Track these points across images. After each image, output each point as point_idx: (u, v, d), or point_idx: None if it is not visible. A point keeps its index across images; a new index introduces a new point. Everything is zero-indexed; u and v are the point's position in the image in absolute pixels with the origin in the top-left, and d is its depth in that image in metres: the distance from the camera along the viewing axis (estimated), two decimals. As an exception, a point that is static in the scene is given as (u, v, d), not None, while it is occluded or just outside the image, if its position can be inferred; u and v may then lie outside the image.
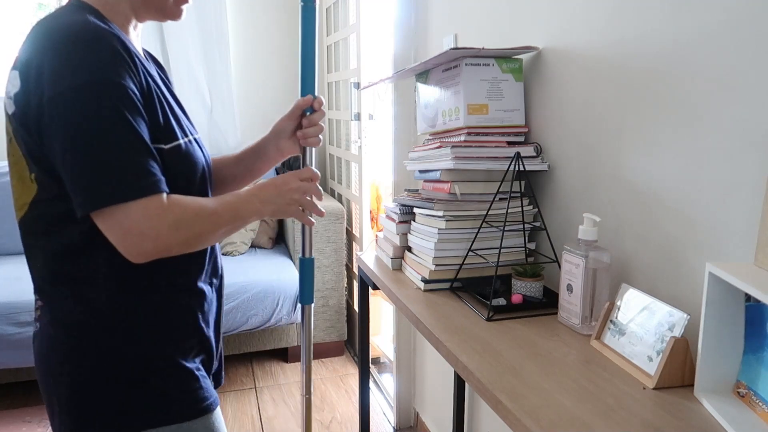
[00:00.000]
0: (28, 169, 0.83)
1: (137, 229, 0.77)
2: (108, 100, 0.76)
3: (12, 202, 0.89)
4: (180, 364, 0.91)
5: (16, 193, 0.87)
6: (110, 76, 0.76)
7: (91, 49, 0.76)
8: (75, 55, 0.75)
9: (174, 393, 0.90)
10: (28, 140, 0.80)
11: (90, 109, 0.75)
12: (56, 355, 0.87)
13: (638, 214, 1.04)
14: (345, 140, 2.96)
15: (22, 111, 0.80)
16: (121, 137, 0.77)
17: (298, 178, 0.98)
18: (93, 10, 0.85)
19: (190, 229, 0.82)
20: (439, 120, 1.38)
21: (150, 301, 0.89)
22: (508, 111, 1.32)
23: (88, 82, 0.75)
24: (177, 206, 0.82)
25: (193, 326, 0.94)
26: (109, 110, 0.76)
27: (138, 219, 0.77)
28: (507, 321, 1.09)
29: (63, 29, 0.78)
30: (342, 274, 2.86)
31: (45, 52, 0.77)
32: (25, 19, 3.12)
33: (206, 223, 0.85)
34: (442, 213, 1.26)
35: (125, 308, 0.87)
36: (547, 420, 0.75)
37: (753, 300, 0.77)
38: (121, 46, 0.80)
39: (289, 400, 2.51)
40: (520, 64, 1.33)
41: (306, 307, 1.16)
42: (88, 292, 0.85)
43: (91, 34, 0.77)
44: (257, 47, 3.28)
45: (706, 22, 0.88)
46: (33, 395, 2.50)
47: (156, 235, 0.78)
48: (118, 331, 0.86)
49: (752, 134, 0.82)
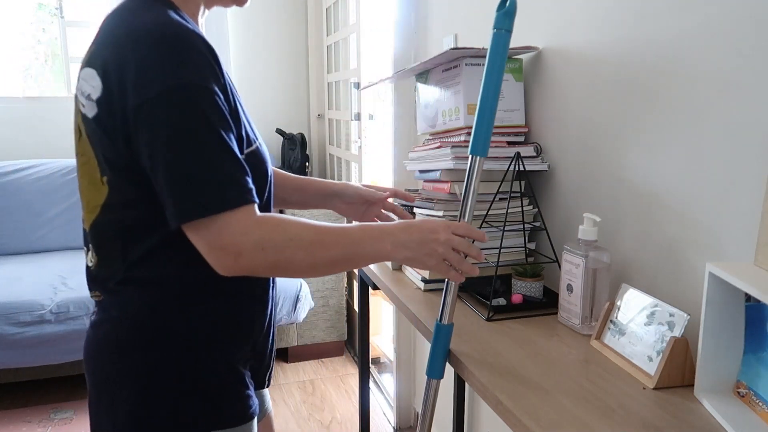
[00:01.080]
0: (99, 172, 0.80)
1: (219, 243, 0.74)
2: (196, 108, 0.73)
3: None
4: (236, 369, 0.88)
5: (86, 194, 0.84)
6: (197, 82, 0.73)
7: (176, 53, 0.73)
8: (160, 60, 0.72)
9: (228, 398, 0.86)
10: (107, 144, 0.77)
11: (178, 119, 0.72)
12: (115, 348, 0.83)
13: (638, 214, 1.04)
14: (345, 140, 2.96)
15: (105, 115, 0.76)
16: (206, 147, 0.73)
17: (451, 231, 0.85)
18: (169, 2, 0.81)
19: (278, 252, 0.76)
20: (439, 120, 1.38)
21: (216, 307, 0.85)
22: (508, 111, 1.32)
23: (174, 89, 0.72)
24: (268, 224, 0.76)
25: (252, 333, 0.90)
26: (197, 119, 0.73)
27: (223, 233, 0.73)
28: (507, 321, 1.09)
29: (145, 28, 0.74)
30: (342, 274, 2.86)
31: (127, 53, 0.73)
32: (25, 18, 3.13)
33: (301, 250, 0.77)
34: (442, 213, 1.26)
35: (191, 312, 0.83)
36: (547, 420, 0.75)
37: (753, 300, 0.77)
38: (205, 46, 0.76)
39: (289, 400, 2.51)
40: (520, 64, 1.33)
41: (433, 381, 1.00)
42: (157, 294, 0.82)
43: (175, 36, 0.74)
44: (257, 47, 3.27)
45: (705, 22, 0.88)
46: (33, 395, 2.50)
47: (238, 252, 0.74)
48: (182, 332, 0.83)
49: (752, 134, 0.82)
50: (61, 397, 2.48)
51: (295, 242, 0.77)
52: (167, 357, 0.83)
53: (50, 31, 3.20)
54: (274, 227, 0.76)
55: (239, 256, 0.74)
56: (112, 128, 0.76)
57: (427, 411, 1.04)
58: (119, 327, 0.83)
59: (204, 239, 0.74)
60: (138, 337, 0.82)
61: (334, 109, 3.14)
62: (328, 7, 3.09)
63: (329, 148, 3.29)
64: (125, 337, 0.83)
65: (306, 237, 0.78)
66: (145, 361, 0.82)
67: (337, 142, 3.13)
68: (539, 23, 1.30)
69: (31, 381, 2.51)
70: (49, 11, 3.16)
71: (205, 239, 0.74)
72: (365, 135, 2.66)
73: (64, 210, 2.86)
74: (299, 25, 3.29)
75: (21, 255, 2.77)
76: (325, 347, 2.90)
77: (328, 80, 3.19)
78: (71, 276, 2.45)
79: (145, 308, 0.82)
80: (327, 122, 3.28)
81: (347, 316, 2.94)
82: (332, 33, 3.07)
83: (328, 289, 2.84)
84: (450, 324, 0.96)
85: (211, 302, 0.84)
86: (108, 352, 0.84)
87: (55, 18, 3.09)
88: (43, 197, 2.83)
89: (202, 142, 0.73)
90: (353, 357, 2.93)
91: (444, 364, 0.98)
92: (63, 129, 3.09)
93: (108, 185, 0.80)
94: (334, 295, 2.85)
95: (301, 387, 2.63)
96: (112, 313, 0.84)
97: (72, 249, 2.86)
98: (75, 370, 2.48)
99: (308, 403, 2.49)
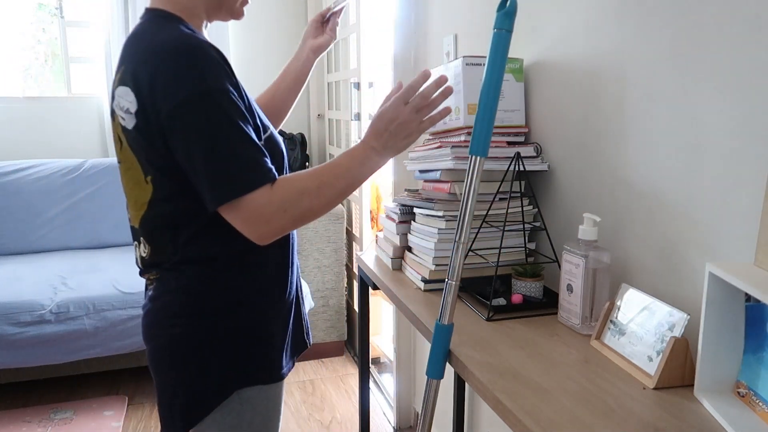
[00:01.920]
0: (143, 173, 0.94)
1: (252, 217, 0.88)
2: (218, 109, 0.86)
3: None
4: (271, 331, 1.03)
5: (133, 194, 0.98)
6: (216, 86, 0.86)
7: (194, 63, 0.86)
8: (182, 71, 0.85)
9: (263, 357, 1.02)
10: (148, 148, 0.90)
11: (204, 120, 0.86)
12: (173, 314, 0.98)
13: (638, 214, 1.04)
14: (345, 140, 2.96)
15: (143, 123, 0.89)
16: (230, 141, 0.87)
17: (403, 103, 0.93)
18: (179, 19, 0.95)
19: (297, 207, 0.90)
20: None
21: (257, 278, 1.00)
22: (509, 111, 1.32)
23: (197, 94, 0.85)
24: (281, 189, 0.89)
25: (285, 297, 1.06)
26: (219, 116, 0.86)
27: (252, 208, 0.87)
28: (507, 321, 1.09)
29: (165, 45, 0.88)
30: (342, 274, 2.86)
31: (153, 68, 0.87)
32: (25, 18, 3.13)
33: (313, 198, 0.91)
34: (442, 213, 1.26)
35: (235, 281, 0.99)
36: (547, 420, 0.75)
37: (753, 300, 0.77)
38: (216, 52, 0.89)
39: (289, 400, 2.51)
40: (520, 64, 1.33)
41: (433, 381, 1.01)
42: (206, 269, 0.97)
43: (191, 48, 0.87)
44: (257, 47, 3.27)
45: (705, 23, 0.88)
46: (33, 395, 2.50)
47: (267, 220, 0.88)
48: (229, 299, 0.99)
49: (752, 134, 0.82)
50: (61, 397, 2.48)
51: (306, 194, 0.90)
52: (218, 320, 0.98)
53: (50, 31, 3.20)
54: (286, 189, 0.90)
55: (269, 222, 0.88)
56: (150, 134, 0.89)
57: (427, 411, 1.04)
58: (177, 297, 0.98)
59: (238, 217, 0.88)
60: (193, 303, 0.97)
61: (334, 109, 3.14)
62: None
63: (329, 148, 3.29)
64: (183, 305, 0.98)
65: (312, 185, 0.91)
66: (200, 323, 0.97)
67: (337, 142, 3.13)
68: (539, 24, 1.30)
69: (31, 381, 2.51)
70: (49, 11, 3.16)
71: (240, 217, 0.88)
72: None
73: (64, 210, 2.86)
74: (299, 25, 3.29)
75: (21, 255, 2.77)
76: (325, 347, 2.90)
77: (328, 80, 3.19)
78: (71, 276, 2.45)
79: (196, 281, 0.97)
80: (327, 122, 3.28)
81: (347, 316, 2.94)
82: (332, 33, 3.06)
83: (328, 289, 2.84)
84: (450, 324, 0.96)
85: (251, 271, 1.00)
86: (168, 317, 0.98)
87: (55, 18, 3.09)
88: (43, 197, 2.83)
89: (226, 137, 0.86)
90: (353, 357, 2.93)
91: (444, 364, 0.98)
92: (63, 129, 3.09)
93: (152, 184, 0.94)
94: (334, 295, 2.85)
95: (301, 387, 2.63)
96: (170, 287, 0.98)
97: (72, 249, 2.86)
98: (75, 370, 2.48)
99: (308, 403, 2.49)
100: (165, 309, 0.99)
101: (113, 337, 2.26)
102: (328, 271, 2.83)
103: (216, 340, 0.98)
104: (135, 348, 2.30)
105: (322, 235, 2.78)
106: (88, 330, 2.23)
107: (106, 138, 3.12)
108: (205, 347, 0.98)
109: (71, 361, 2.31)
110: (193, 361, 0.98)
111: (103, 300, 2.27)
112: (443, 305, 0.96)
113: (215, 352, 0.98)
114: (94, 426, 2.25)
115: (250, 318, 1.00)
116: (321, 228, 2.77)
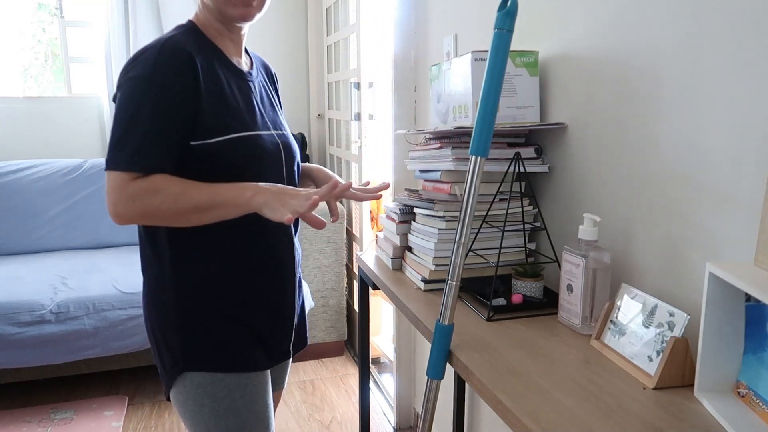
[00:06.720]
0: None
1: (108, 193, 0.95)
2: (143, 93, 0.95)
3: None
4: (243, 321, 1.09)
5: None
6: (155, 77, 0.95)
7: (152, 55, 0.97)
8: (141, 58, 0.98)
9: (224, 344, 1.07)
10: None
11: (128, 98, 0.96)
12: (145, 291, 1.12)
13: (638, 214, 1.04)
14: (345, 140, 2.96)
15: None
16: (136, 123, 0.95)
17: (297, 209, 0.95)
18: (194, 27, 1.08)
19: (146, 202, 0.94)
20: (450, 116, 1.37)
21: (208, 268, 1.06)
22: (521, 108, 1.27)
23: (138, 77, 0.96)
24: (146, 181, 0.94)
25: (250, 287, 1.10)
26: (141, 100, 0.95)
27: (111, 186, 0.94)
28: (507, 321, 1.09)
29: (157, 42, 1.00)
30: (342, 274, 2.86)
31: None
32: (25, 18, 3.13)
33: (168, 200, 0.94)
34: (442, 213, 1.26)
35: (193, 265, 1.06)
36: (547, 420, 0.75)
37: (753, 300, 0.77)
38: (186, 57, 0.98)
39: (289, 400, 2.51)
40: (535, 57, 1.26)
41: (433, 382, 1.01)
42: (159, 258, 1.06)
43: (160, 46, 0.98)
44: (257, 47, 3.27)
45: (706, 24, 0.88)
46: (33, 395, 2.50)
47: (115, 202, 0.94)
48: (187, 289, 1.06)
49: (752, 134, 0.82)
50: (61, 397, 2.48)
51: (161, 194, 0.94)
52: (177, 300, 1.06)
53: (50, 31, 3.20)
54: (148, 183, 0.94)
55: (115, 205, 0.94)
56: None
57: (427, 411, 1.04)
58: (145, 275, 1.10)
59: (106, 188, 0.96)
60: (153, 281, 1.08)
61: (334, 109, 3.14)
62: (328, 7, 3.09)
63: (329, 148, 3.29)
64: (148, 284, 1.10)
65: (173, 189, 0.95)
66: (160, 299, 1.07)
67: (337, 142, 3.13)
68: (540, 24, 1.30)
69: (31, 381, 2.51)
70: (49, 11, 3.16)
71: (105, 188, 0.96)
72: (365, 135, 2.66)
73: (64, 210, 2.86)
74: (299, 25, 3.29)
75: (21, 255, 2.77)
76: (325, 347, 2.90)
77: (328, 80, 3.19)
78: (71, 276, 2.45)
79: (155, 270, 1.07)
80: (327, 122, 3.28)
81: (347, 316, 2.94)
82: (332, 33, 3.07)
83: (328, 289, 2.84)
84: (450, 324, 0.97)
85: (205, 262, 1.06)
86: (143, 295, 1.12)
87: (55, 18, 3.09)
88: (43, 197, 2.83)
89: (133, 119, 0.95)
90: (353, 357, 2.93)
91: (444, 364, 0.98)
92: (63, 129, 3.09)
93: None
94: (334, 295, 2.85)
95: (301, 387, 2.63)
96: (146, 276, 1.11)
97: (72, 249, 2.86)
98: (75, 370, 2.48)
99: (308, 403, 2.49)
100: (144, 285, 1.12)
101: (113, 337, 2.26)
102: (328, 271, 2.83)
103: (168, 320, 1.06)
104: (135, 348, 2.30)
105: (322, 235, 2.78)
106: (88, 330, 2.22)
107: (106, 138, 3.12)
108: (161, 323, 1.07)
109: (71, 361, 2.31)
110: (153, 335, 1.09)
111: (103, 300, 2.27)
112: (443, 305, 0.96)
113: (169, 329, 1.06)
114: (94, 426, 2.25)
115: (204, 302, 1.06)
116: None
